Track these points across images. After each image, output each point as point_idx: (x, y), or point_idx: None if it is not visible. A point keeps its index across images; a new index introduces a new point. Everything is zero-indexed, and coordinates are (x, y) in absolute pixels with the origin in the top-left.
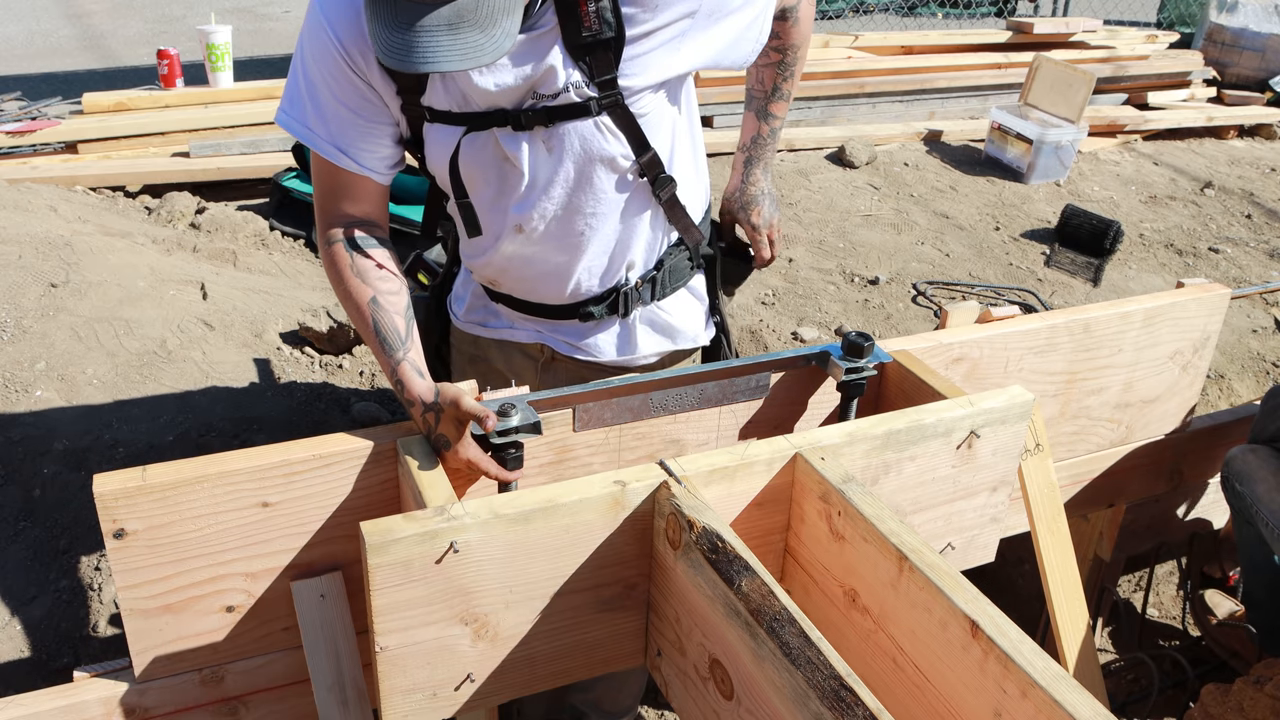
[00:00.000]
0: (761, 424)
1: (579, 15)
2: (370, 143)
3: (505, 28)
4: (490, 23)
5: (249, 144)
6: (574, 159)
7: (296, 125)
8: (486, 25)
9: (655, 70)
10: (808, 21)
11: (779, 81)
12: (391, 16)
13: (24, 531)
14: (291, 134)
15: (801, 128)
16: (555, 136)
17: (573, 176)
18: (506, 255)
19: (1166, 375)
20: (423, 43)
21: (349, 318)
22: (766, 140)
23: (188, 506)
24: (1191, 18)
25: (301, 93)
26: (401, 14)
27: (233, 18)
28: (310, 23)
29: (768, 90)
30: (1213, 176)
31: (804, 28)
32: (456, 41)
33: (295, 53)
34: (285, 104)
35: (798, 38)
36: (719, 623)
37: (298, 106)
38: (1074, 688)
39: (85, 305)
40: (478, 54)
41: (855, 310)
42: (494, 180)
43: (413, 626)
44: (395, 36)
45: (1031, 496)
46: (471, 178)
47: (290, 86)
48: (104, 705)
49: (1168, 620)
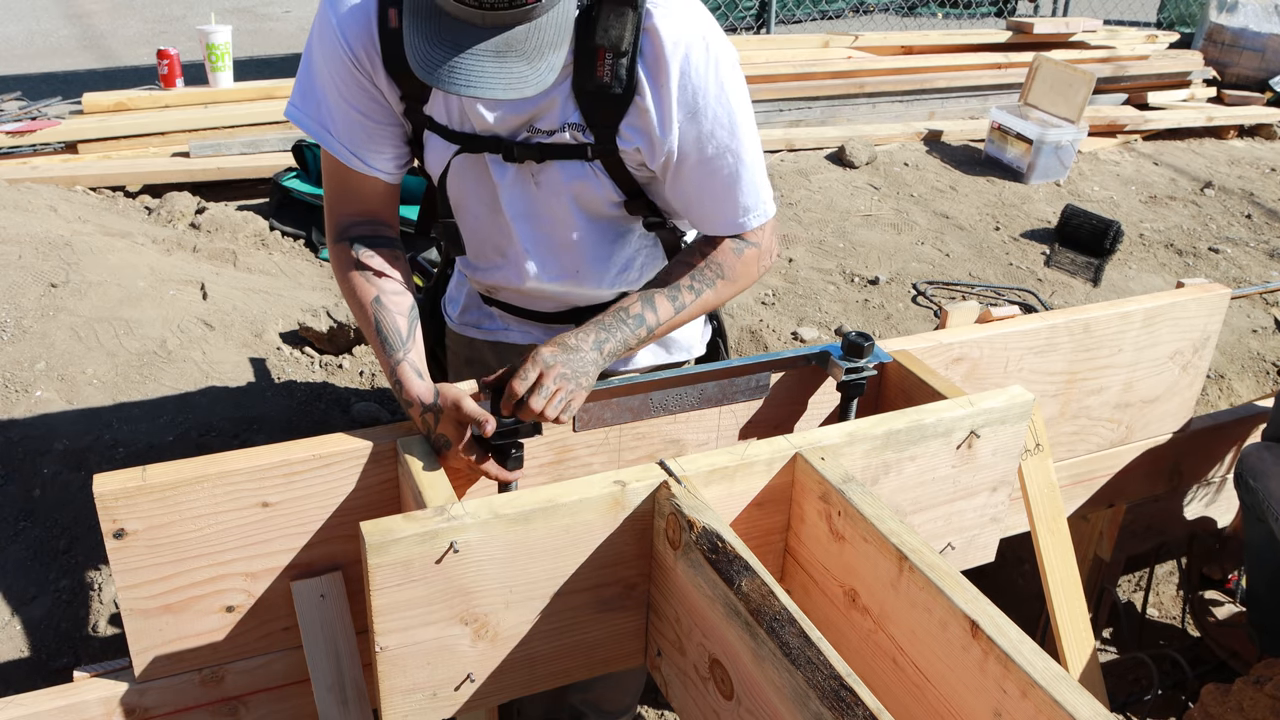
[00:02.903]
0: (761, 424)
1: (595, 64)
2: (378, 144)
3: (550, 61)
4: (537, 55)
5: (249, 144)
6: (562, 196)
7: (309, 121)
8: (533, 57)
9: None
10: (747, 267)
11: (681, 280)
12: (435, 32)
13: (24, 531)
14: (302, 129)
15: (801, 128)
16: (545, 172)
17: (559, 213)
18: (499, 275)
19: (1166, 375)
20: (466, 65)
21: (353, 315)
22: (623, 321)
23: (188, 506)
24: (1191, 18)
25: (314, 90)
26: (447, 32)
27: (233, 18)
28: (320, 23)
29: (666, 279)
30: (1213, 176)
31: (741, 266)
32: (502, 70)
33: (306, 49)
34: (297, 99)
35: (729, 266)
36: (719, 623)
37: (310, 103)
38: (1074, 688)
39: (85, 305)
40: (521, 85)
41: (855, 310)
42: (484, 202)
43: (413, 626)
44: (436, 53)
45: (1031, 496)
46: (460, 198)
47: (302, 82)
48: (104, 705)
49: (1168, 620)
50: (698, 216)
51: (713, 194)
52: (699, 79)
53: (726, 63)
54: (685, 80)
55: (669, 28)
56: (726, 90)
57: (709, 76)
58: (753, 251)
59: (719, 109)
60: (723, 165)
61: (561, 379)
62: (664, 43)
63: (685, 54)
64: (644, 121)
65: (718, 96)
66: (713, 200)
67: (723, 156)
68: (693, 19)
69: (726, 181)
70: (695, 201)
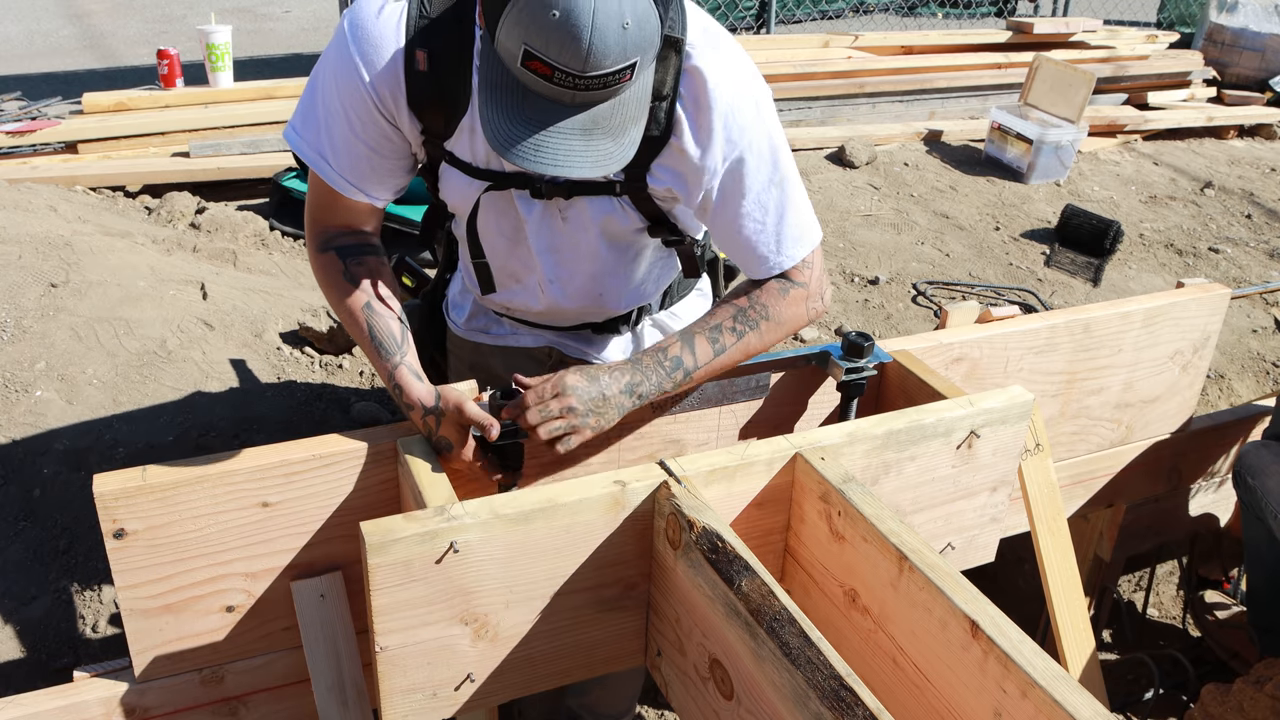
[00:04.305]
0: (761, 424)
1: None
2: (381, 177)
3: (632, 136)
4: (621, 131)
5: (249, 144)
6: (589, 230)
7: (308, 149)
8: (618, 133)
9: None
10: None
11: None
12: (518, 110)
13: (24, 531)
14: (300, 156)
15: (801, 128)
16: (573, 208)
17: (585, 245)
18: (514, 300)
19: (1166, 375)
20: (553, 145)
21: (343, 324)
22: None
23: (188, 506)
24: (1191, 18)
25: (317, 118)
26: (531, 109)
27: (233, 18)
28: (338, 54)
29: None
30: (1213, 176)
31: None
32: (589, 148)
33: (314, 77)
34: (298, 123)
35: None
36: (719, 623)
37: (311, 129)
38: (1074, 688)
39: (85, 305)
40: (606, 162)
41: (855, 310)
42: (506, 235)
43: (413, 626)
44: (519, 130)
45: (1031, 496)
46: (488, 234)
47: (306, 107)
48: (104, 705)
49: (1168, 620)
50: (741, 258)
51: (755, 235)
52: (743, 121)
53: (766, 103)
54: (729, 123)
55: (711, 70)
56: (769, 130)
57: (752, 118)
58: (799, 292)
59: (762, 149)
60: (765, 207)
61: (570, 411)
62: (707, 86)
63: (729, 97)
64: (680, 162)
65: (760, 138)
66: (755, 241)
67: (766, 197)
68: (733, 60)
69: (769, 223)
70: (738, 243)
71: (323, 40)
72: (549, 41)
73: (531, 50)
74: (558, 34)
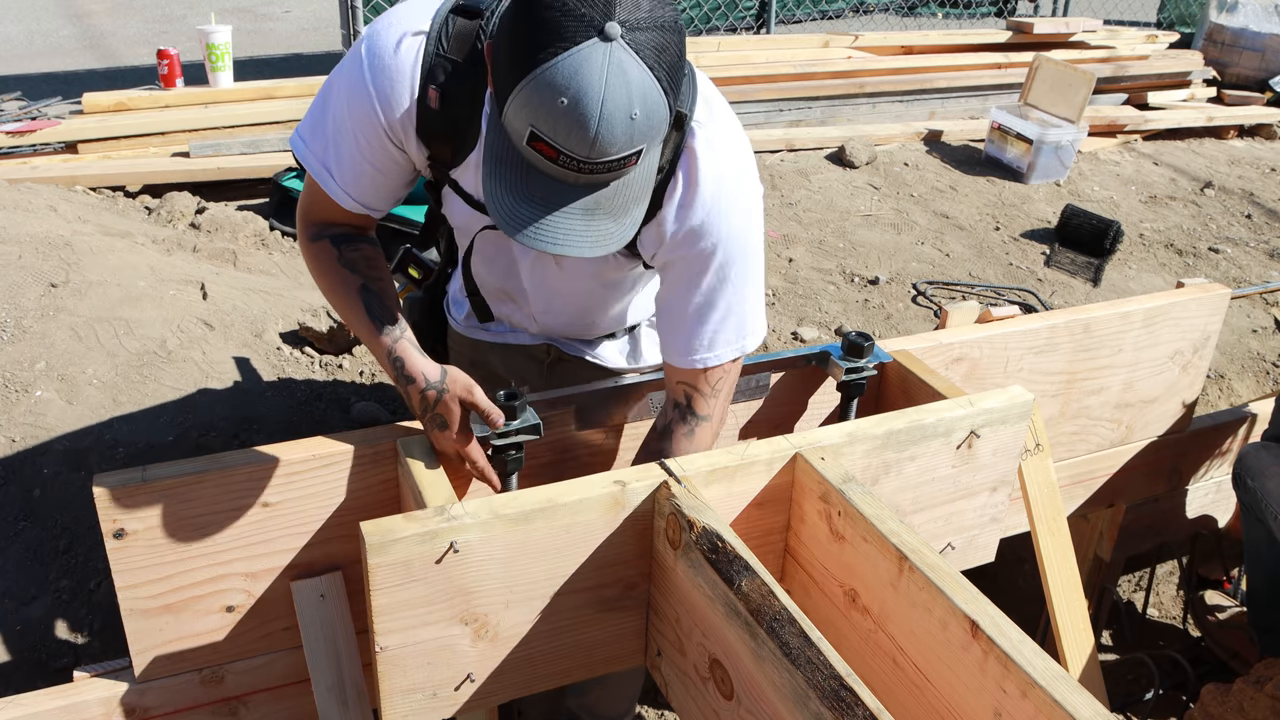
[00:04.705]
0: (761, 424)
1: None
2: (385, 193)
3: (634, 215)
4: (623, 211)
5: (249, 144)
6: (583, 274)
7: (314, 161)
8: (619, 214)
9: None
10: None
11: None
12: (522, 188)
13: (24, 531)
14: (303, 165)
15: (801, 128)
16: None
17: (578, 285)
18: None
19: (1166, 375)
20: (555, 223)
21: (335, 309)
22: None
23: (187, 506)
24: (1191, 18)
25: (326, 132)
26: (535, 187)
27: (233, 18)
28: (353, 78)
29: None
30: (1213, 176)
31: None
32: (590, 228)
33: (327, 90)
34: (306, 134)
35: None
36: (719, 623)
37: (319, 142)
38: (1074, 688)
39: (85, 305)
40: (607, 242)
41: (855, 310)
42: (502, 266)
43: (413, 626)
44: (522, 209)
45: (1031, 496)
46: (482, 267)
47: (315, 120)
48: (104, 705)
49: (1168, 620)
50: (669, 336)
51: (694, 324)
52: (726, 220)
53: (752, 202)
54: (712, 218)
55: (708, 160)
56: (749, 231)
57: (735, 220)
58: (706, 428)
59: (733, 250)
60: (714, 304)
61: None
62: (699, 176)
63: (718, 193)
64: (655, 229)
65: (736, 239)
66: (692, 330)
67: (718, 295)
68: (732, 152)
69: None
70: (674, 320)
71: (323, 40)
72: (556, 127)
73: (538, 133)
74: (565, 121)
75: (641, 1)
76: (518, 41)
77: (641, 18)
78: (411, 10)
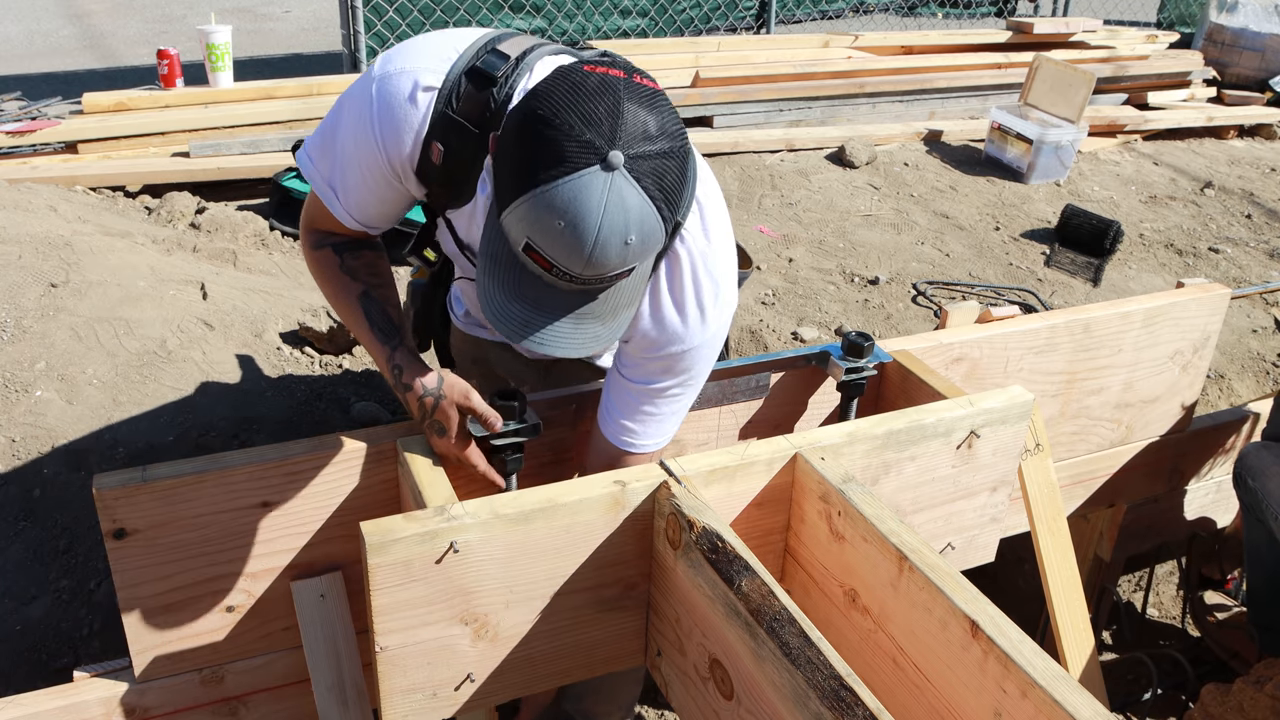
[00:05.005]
0: (761, 424)
1: None
2: (387, 215)
3: (623, 319)
4: (611, 315)
5: (249, 144)
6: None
7: (320, 181)
8: (608, 318)
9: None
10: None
11: None
12: (514, 287)
13: (24, 531)
14: (310, 184)
15: (801, 128)
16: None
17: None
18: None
19: (1166, 375)
20: (542, 323)
21: (338, 314)
22: None
23: (188, 506)
24: (1191, 18)
25: (334, 156)
26: (527, 288)
27: (233, 18)
28: (360, 115)
29: None
30: (1213, 176)
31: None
32: (578, 330)
33: (338, 113)
34: (314, 153)
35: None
36: (719, 623)
37: (326, 163)
38: (1074, 688)
39: (85, 305)
40: (594, 343)
41: (855, 310)
42: None
43: (413, 626)
44: (514, 308)
45: (1031, 496)
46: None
47: (324, 141)
48: (104, 705)
49: (1168, 620)
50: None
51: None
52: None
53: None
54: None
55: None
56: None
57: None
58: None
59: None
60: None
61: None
62: (681, 281)
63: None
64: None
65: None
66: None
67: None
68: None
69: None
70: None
71: (323, 40)
72: (551, 245)
73: (534, 246)
74: (561, 242)
75: (649, 124)
76: (522, 154)
77: (646, 145)
78: (426, 56)
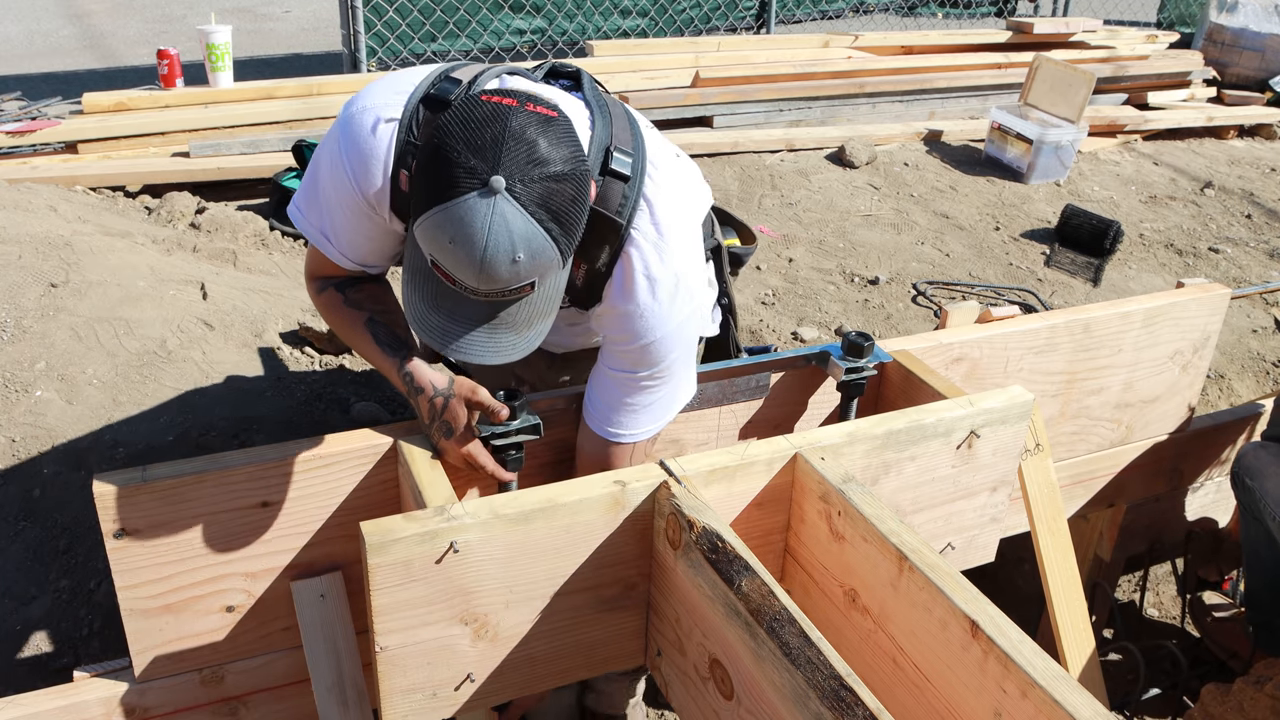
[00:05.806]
0: (761, 424)
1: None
2: (381, 254)
3: (539, 329)
4: (526, 325)
5: (249, 144)
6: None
7: (313, 230)
8: (522, 328)
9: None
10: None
11: None
12: (432, 298)
13: (24, 531)
14: (306, 235)
15: (801, 128)
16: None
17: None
18: None
19: (1166, 375)
20: (459, 333)
21: (350, 345)
22: None
23: (188, 506)
24: (1191, 18)
25: (319, 204)
26: (444, 300)
27: (233, 18)
28: (333, 159)
29: None
30: (1213, 176)
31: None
32: (492, 339)
33: (315, 165)
34: (303, 205)
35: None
36: (719, 623)
37: (315, 213)
38: (1074, 688)
39: (85, 305)
40: (509, 352)
41: (855, 310)
42: None
43: (413, 626)
44: (433, 317)
45: (1031, 496)
46: None
47: (308, 191)
48: (104, 705)
49: (1168, 620)
50: (590, 401)
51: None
52: (655, 322)
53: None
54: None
55: (642, 262)
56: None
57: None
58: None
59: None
60: (640, 385)
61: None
62: (634, 278)
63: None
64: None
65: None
66: (609, 404)
67: (643, 382)
68: (670, 257)
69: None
70: (595, 387)
71: (323, 40)
72: (447, 262)
73: (435, 261)
74: (453, 259)
75: (537, 149)
76: (424, 180)
77: (533, 169)
78: (384, 94)
